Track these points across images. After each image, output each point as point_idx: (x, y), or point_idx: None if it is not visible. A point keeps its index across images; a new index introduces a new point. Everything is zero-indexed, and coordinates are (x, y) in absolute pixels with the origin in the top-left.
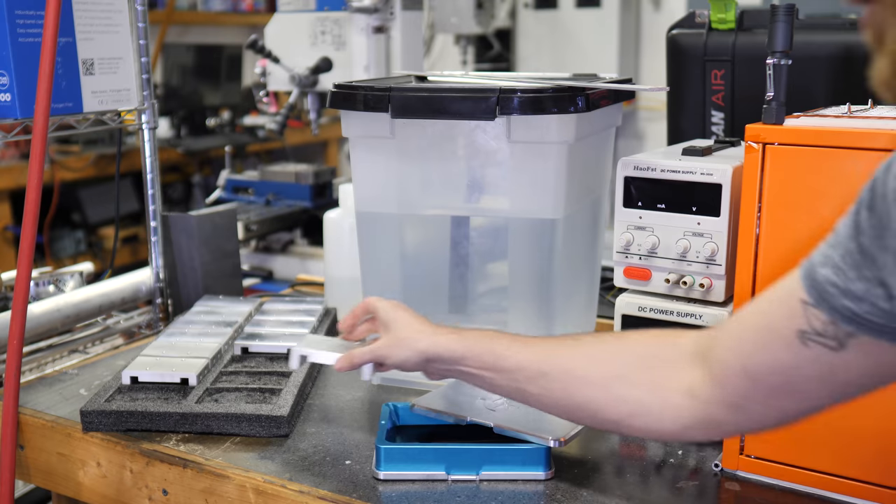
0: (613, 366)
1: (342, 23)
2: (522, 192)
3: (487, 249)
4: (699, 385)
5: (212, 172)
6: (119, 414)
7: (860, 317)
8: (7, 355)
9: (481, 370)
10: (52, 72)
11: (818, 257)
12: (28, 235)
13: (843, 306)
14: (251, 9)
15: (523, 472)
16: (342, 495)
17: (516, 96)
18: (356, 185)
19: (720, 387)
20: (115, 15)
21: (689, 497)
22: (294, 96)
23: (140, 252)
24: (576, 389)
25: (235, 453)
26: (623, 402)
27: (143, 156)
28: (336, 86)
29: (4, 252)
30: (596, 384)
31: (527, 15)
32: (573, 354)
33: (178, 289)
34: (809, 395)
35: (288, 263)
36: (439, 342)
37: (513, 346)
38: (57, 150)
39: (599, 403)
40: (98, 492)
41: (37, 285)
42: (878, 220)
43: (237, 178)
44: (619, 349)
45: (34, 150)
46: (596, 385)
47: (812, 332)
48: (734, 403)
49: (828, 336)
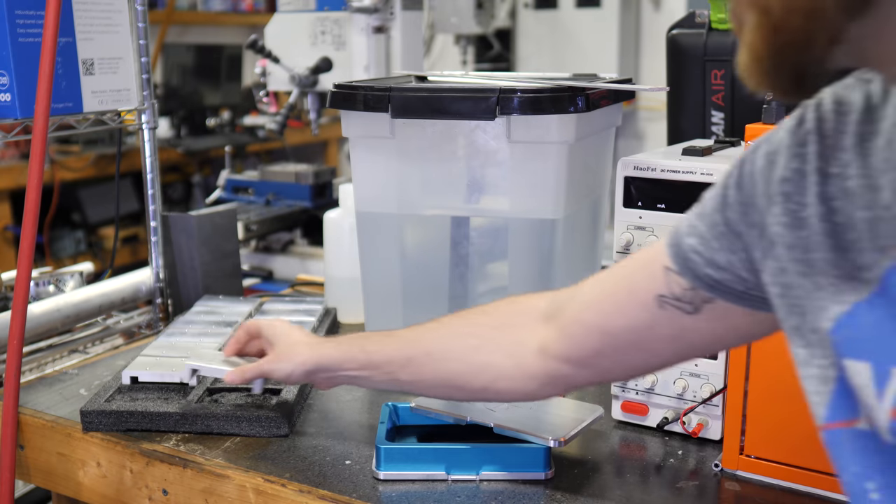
0: (472, 338)
1: (342, 23)
2: (522, 192)
3: (487, 249)
4: (551, 342)
5: (212, 172)
6: (119, 414)
7: (722, 284)
8: (7, 355)
9: (359, 370)
10: (52, 72)
11: (685, 227)
12: (28, 235)
13: (705, 275)
14: (251, 9)
15: (523, 473)
16: (342, 495)
17: (516, 96)
18: (356, 185)
19: (573, 343)
20: (115, 15)
21: (689, 497)
22: (294, 96)
23: (140, 252)
24: (441, 367)
25: (235, 453)
26: (483, 370)
27: (143, 156)
28: (336, 86)
29: (4, 252)
30: (458, 359)
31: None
32: (434, 336)
33: (178, 289)
34: (658, 353)
35: (288, 263)
36: (318, 353)
37: (381, 341)
38: (57, 150)
39: (464, 376)
40: (98, 492)
41: (37, 285)
42: (745, 198)
43: (237, 178)
44: (476, 321)
45: (34, 150)
46: (458, 360)
47: (670, 296)
48: (584, 359)
49: (685, 301)
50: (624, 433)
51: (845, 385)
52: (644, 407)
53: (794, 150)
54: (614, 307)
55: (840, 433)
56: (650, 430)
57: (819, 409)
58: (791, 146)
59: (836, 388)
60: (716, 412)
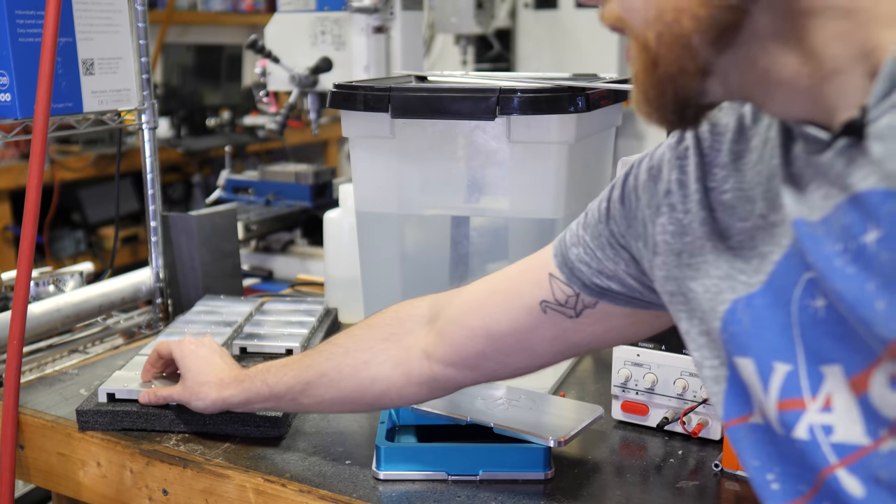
0: (361, 353)
1: (342, 23)
2: (522, 192)
3: (487, 249)
4: (434, 347)
5: (212, 172)
6: (115, 413)
7: (609, 291)
8: (7, 355)
9: (265, 402)
10: (52, 72)
11: (570, 237)
12: (28, 235)
13: (592, 283)
14: (251, 9)
15: (523, 473)
16: (342, 495)
17: (516, 96)
18: (356, 185)
19: (456, 347)
20: (115, 15)
21: (689, 497)
22: (294, 96)
23: (140, 252)
24: (336, 386)
25: (235, 453)
26: (374, 383)
27: (143, 156)
28: (336, 86)
29: (4, 252)
30: (350, 375)
31: (527, 15)
32: (327, 358)
33: (178, 289)
34: (540, 354)
35: (288, 263)
36: (223, 396)
37: (279, 372)
38: (57, 150)
39: (358, 391)
40: (98, 492)
41: (37, 285)
42: (628, 211)
43: (237, 178)
44: (364, 336)
45: (34, 150)
46: (350, 376)
47: (554, 302)
48: (468, 361)
49: (568, 306)
50: (624, 433)
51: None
52: (644, 407)
53: (676, 163)
54: (499, 311)
55: (738, 429)
56: (650, 430)
57: (718, 409)
58: (672, 160)
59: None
60: (716, 412)
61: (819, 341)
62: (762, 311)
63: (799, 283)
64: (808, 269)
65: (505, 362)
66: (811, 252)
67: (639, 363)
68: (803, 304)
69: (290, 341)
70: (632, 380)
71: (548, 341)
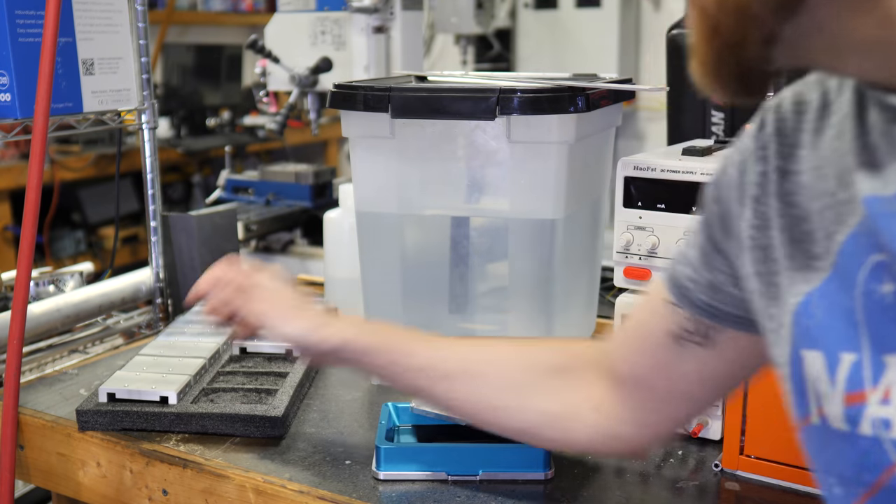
0: (524, 375)
1: (342, 23)
2: (522, 192)
3: (487, 249)
4: (604, 400)
5: (212, 172)
6: (114, 413)
7: (716, 309)
8: (7, 355)
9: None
10: (52, 72)
11: (678, 256)
12: (28, 235)
13: (700, 301)
14: (251, 9)
15: (523, 473)
16: (342, 495)
17: (516, 96)
18: (356, 185)
19: (619, 400)
20: (115, 15)
21: (689, 497)
22: (294, 96)
23: (140, 252)
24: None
25: (235, 453)
26: (533, 411)
27: (143, 156)
28: (336, 86)
29: (4, 252)
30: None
31: (527, 15)
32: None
33: (178, 289)
34: (693, 396)
35: (288, 263)
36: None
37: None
38: (57, 150)
39: (508, 412)
40: (98, 492)
41: (37, 285)
42: (723, 210)
43: (237, 178)
44: (529, 358)
45: (34, 150)
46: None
47: (681, 330)
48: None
49: (695, 333)
50: None
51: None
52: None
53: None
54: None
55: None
56: None
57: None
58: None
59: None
60: (716, 412)
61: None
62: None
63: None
64: (875, 250)
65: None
66: (884, 230)
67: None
68: (869, 288)
69: None
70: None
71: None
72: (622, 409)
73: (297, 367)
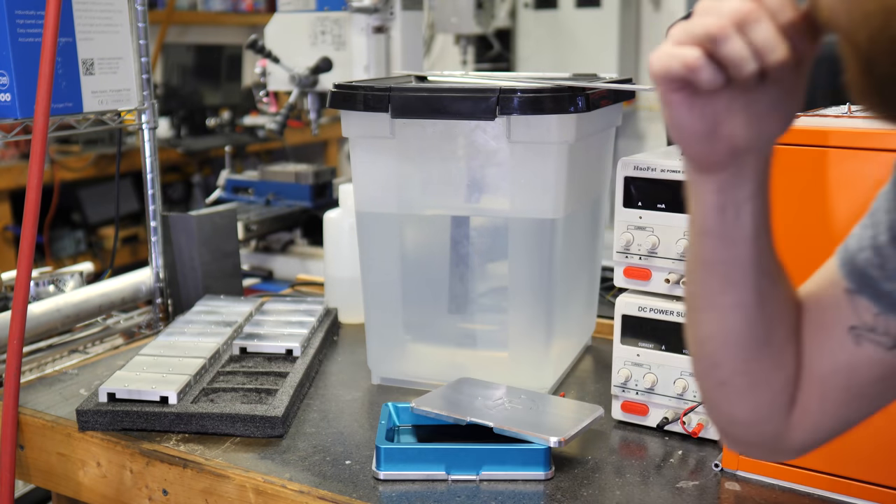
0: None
1: (342, 23)
2: (522, 192)
3: (487, 249)
4: None
5: (212, 172)
6: (115, 413)
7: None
8: (7, 355)
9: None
10: (52, 72)
11: (853, 241)
12: (28, 235)
13: (886, 291)
14: (251, 9)
15: (523, 472)
16: (342, 495)
17: (516, 96)
18: (356, 185)
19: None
20: (115, 15)
21: (689, 497)
22: (294, 96)
23: (140, 252)
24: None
25: (235, 453)
26: None
27: (143, 156)
28: (336, 86)
29: (4, 252)
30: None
31: (527, 15)
32: None
33: (178, 289)
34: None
35: (288, 263)
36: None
37: None
38: (57, 150)
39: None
40: (98, 492)
41: (37, 285)
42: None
43: (237, 178)
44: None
45: (34, 150)
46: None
47: (863, 327)
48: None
49: (879, 332)
50: (624, 433)
51: None
52: (644, 407)
53: None
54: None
55: None
56: (650, 430)
57: None
58: None
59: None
60: None
61: None
62: None
63: None
64: None
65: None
66: None
67: (639, 363)
68: None
69: (290, 341)
70: (632, 380)
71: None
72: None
73: (297, 367)
